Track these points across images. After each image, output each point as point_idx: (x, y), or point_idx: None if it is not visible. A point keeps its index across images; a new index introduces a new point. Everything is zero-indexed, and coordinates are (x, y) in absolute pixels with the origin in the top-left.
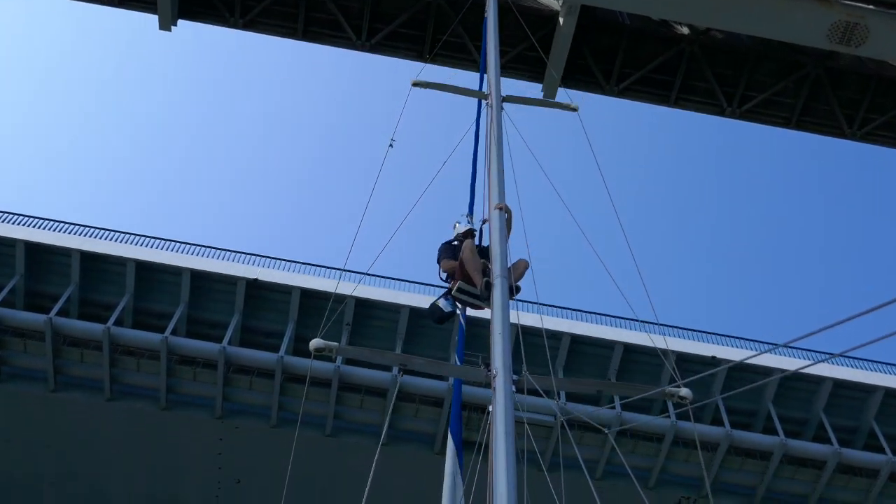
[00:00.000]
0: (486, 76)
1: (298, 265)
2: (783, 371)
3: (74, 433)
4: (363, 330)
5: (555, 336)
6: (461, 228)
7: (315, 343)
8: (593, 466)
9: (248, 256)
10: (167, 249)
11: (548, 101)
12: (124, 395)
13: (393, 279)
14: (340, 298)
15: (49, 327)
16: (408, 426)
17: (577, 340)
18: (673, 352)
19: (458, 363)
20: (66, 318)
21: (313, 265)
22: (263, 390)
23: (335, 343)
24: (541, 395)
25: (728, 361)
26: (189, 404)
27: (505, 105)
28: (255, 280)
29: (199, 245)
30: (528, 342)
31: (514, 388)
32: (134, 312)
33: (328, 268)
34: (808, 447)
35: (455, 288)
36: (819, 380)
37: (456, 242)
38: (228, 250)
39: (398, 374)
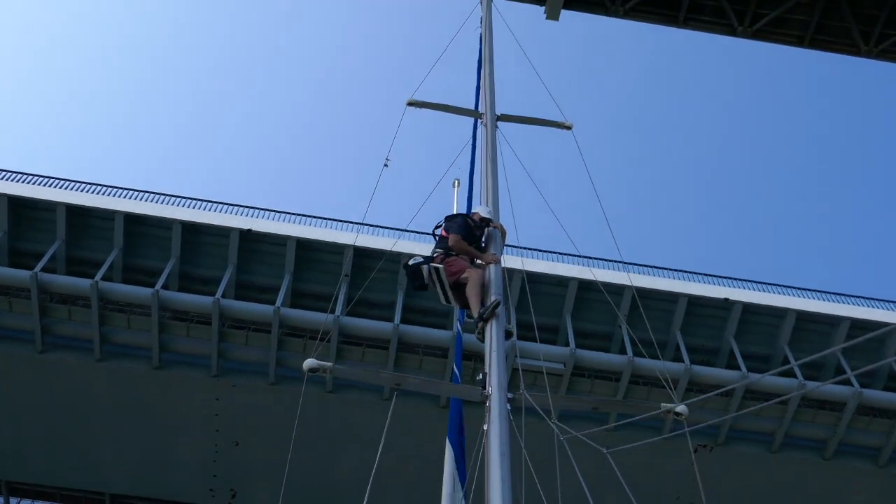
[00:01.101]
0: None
1: (294, 216)
2: (798, 311)
3: (63, 395)
4: (363, 283)
5: (563, 281)
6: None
7: (308, 363)
8: (604, 415)
9: (242, 208)
10: (156, 202)
11: (542, 120)
12: (115, 355)
13: (392, 229)
14: (339, 249)
15: (34, 283)
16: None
17: (584, 284)
18: (685, 295)
19: (457, 374)
20: (53, 275)
21: (309, 216)
22: (261, 345)
23: (328, 363)
24: (538, 414)
25: (740, 303)
26: (183, 363)
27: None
28: (249, 231)
29: (189, 198)
30: (535, 290)
31: (509, 407)
32: (123, 269)
33: (325, 218)
34: (828, 389)
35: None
36: (836, 320)
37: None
38: (221, 202)
39: (398, 324)
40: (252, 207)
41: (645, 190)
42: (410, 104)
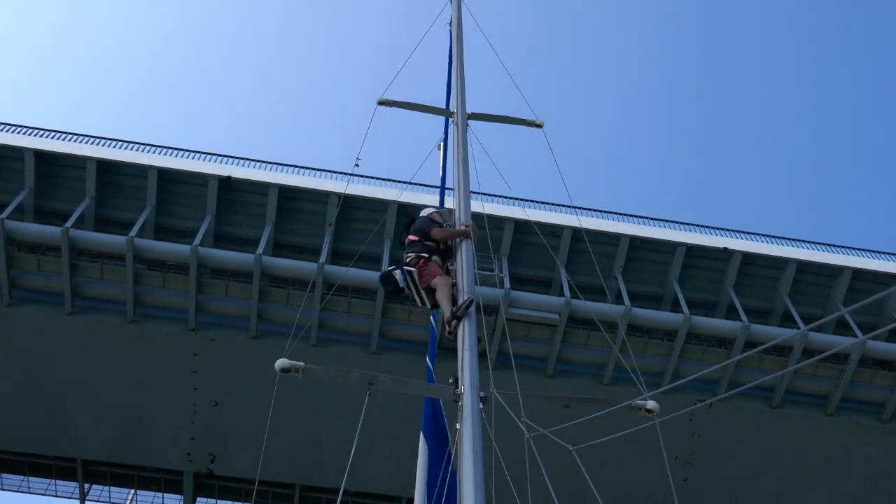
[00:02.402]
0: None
1: (275, 165)
2: (798, 261)
3: (32, 352)
4: (347, 234)
5: (556, 231)
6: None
7: (280, 363)
8: (601, 370)
9: (221, 158)
10: (131, 150)
11: (513, 119)
12: (87, 309)
13: (379, 178)
14: (323, 197)
15: (0, 231)
16: (399, 333)
17: (577, 236)
18: (683, 244)
19: (431, 371)
20: (20, 222)
21: (292, 165)
22: (241, 297)
23: (301, 363)
24: (511, 413)
25: (740, 252)
26: (159, 317)
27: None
28: (229, 178)
29: (165, 146)
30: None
31: (481, 406)
32: (95, 221)
33: (308, 168)
34: (830, 339)
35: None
36: (836, 270)
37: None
38: (199, 151)
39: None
40: (232, 157)
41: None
42: (381, 103)
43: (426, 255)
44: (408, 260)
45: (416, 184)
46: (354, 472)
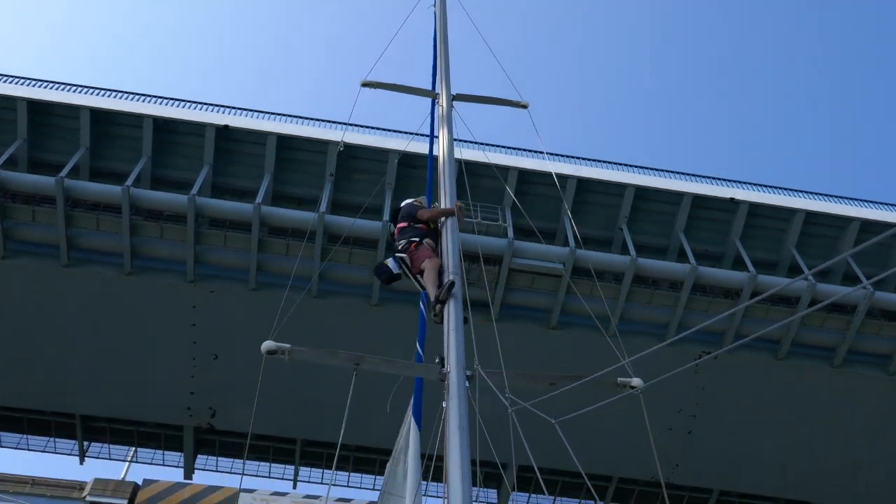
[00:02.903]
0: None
1: (274, 115)
2: (806, 212)
3: (27, 306)
4: (347, 185)
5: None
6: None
7: (266, 345)
8: (605, 322)
9: (219, 108)
10: (126, 100)
11: (498, 100)
12: (84, 261)
13: (379, 129)
14: (322, 147)
15: None
16: (400, 284)
17: (582, 187)
18: (689, 194)
19: (420, 353)
20: (14, 172)
21: (290, 115)
22: (240, 247)
23: (287, 345)
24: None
25: (747, 202)
26: (157, 269)
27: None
28: (226, 127)
29: (162, 97)
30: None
31: (467, 385)
32: (90, 172)
33: (306, 118)
34: (838, 289)
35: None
36: (844, 222)
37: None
38: (196, 101)
39: (388, 221)
40: (230, 107)
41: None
42: (365, 85)
43: (417, 239)
44: (399, 246)
45: (417, 134)
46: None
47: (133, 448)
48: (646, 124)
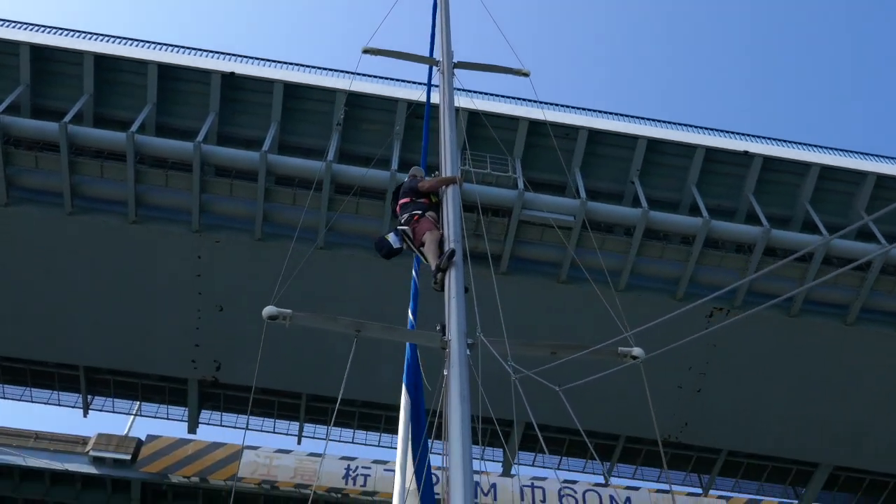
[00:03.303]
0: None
1: (280, 64)
2: (822, 165)
3: (31, 255)
4: (355, 135)
5: (571, 133)
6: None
7: (267, 311)
8: (616, 276)
9: (225, 55)
10: (131, 46)
11: (499, 67)
12: (88, 210)
13: (386, 78)
14: (330, 96)
15: None
16: None
17: (593, 139)
18: (702, 147)
19: (412, 321)
20: (16, 118)
21: (296, 64)
22: (246, 196)
23: (288, 311)
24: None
25: (761, 156)
26: (162, 218)
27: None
28: (232, 74)
29: (166, 44)
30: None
31: (468, 353)
32: (94, 120)
33: (313, 66)
34: (853, 246)
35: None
36: (860, 177)
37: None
38: (201, 49)
39: (395, 170)
40: (236, 55)
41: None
42: (366, 51)
43: (419, 212)
44: (402, 220)
45: (425, 83)
46: (362, 382)
47: (137, 403)
48: (656, 83)
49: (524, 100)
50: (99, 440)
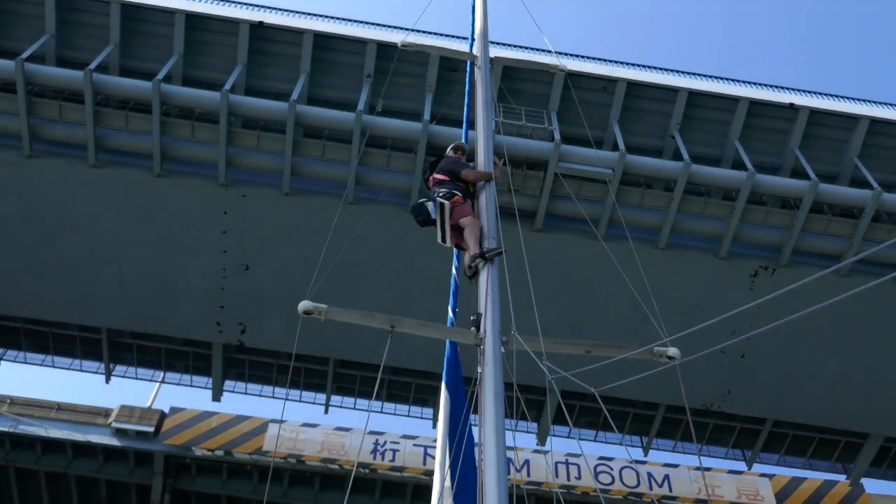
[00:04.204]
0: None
1: (309, 15)
2: (871, 118)
3: (55, 208)
4: (386, 89)
5: (608, 86)
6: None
7: (303, 305)
8: (655, 235)
9: (253, 6)
10: None
11: (537, 62)
12: (112, 163)
13: (418, 31)
14: (360, 48)
15: (20, 74)
16: None
17: (630, 92)
18: (745, 98)
19: (452, 318)
20: (41, 66)
21: (325, 16)
22: (274, 149)
23: (324, 305)
24: (531, 357)
25: (807, 108)
26: (188, 173)
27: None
28: (261, 23)
29: None
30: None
31: (503, 350)
32: (120, 71)
33: (343, 19)
34: None
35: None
36: None
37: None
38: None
39: (428, 120)
40: (264, 6)
41: None
42: (404, 46)
43: (460, 194)
44: (441, 193)
45: (460, 37)
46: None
47: (161, 374)
48: (694, 38)
49: (561, 53)
50: (122, 412)
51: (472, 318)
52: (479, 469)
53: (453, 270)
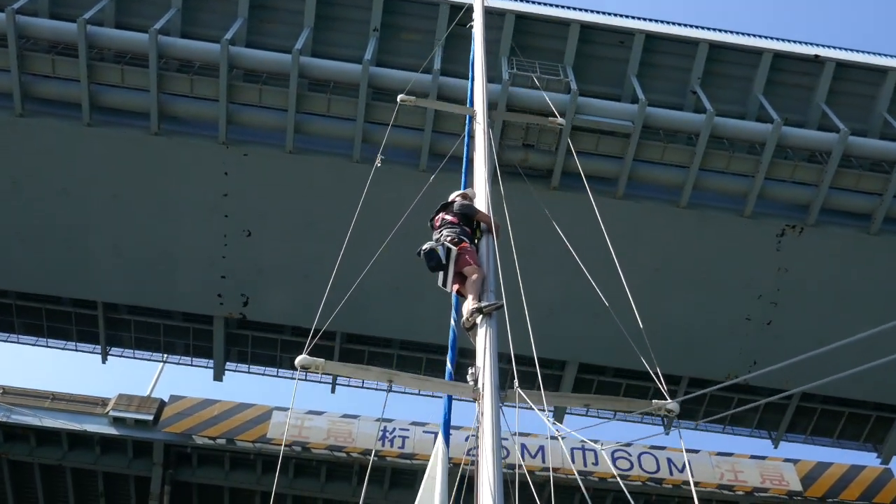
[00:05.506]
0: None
1: None
2: None
3: (47, 172)
4: (391, 46)
5: (626, 40)
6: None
7: (301, 360)
8: (676, 194)
9: None
10: None
11: (536, 116)
12: (108, 123)
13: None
14: (366, 2)
15: (12, 26)
16: (449, 147)
17: (649, 46)
18: (769, 50)
19: (450, 373)
20: (33, 17)
21: None
22: (277, 104)
23: (321, 360)
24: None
25: (833, 61)
26: (187, 133)
27: None
28: None
29: None
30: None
31: (501, 405)
32: (116, 25)
33: None
34: None
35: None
36: None
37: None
38: None
39: (438, 69)
40: None
41: None
42: (403, 101)
43: (467, 241)
44: (449, 238)
45: None
46: (403, 319)
47: (160, 354)
48: None
49: (574, 8)
50: (119, 401)
51: (470, 370)
52: None
53: (451, 322)
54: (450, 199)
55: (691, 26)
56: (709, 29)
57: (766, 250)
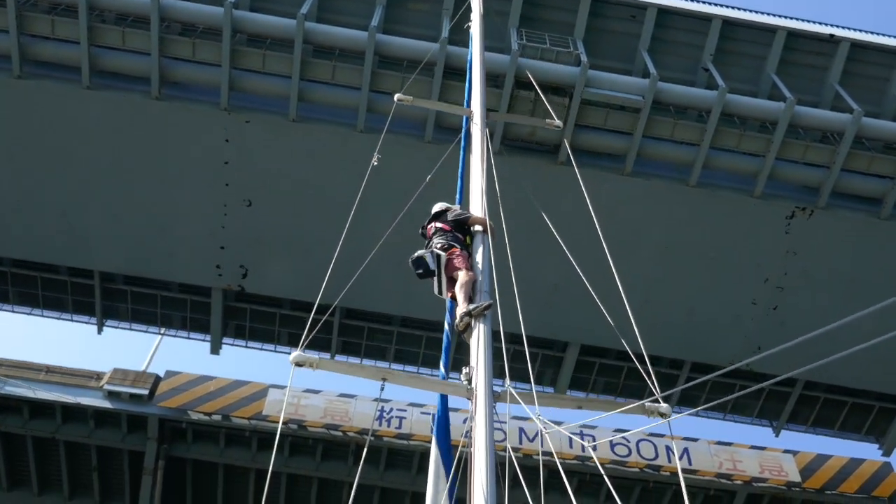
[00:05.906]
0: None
1: None
2: None
3: (44, 137)
4: (397, 15)
5: (637, 14)
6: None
7: (295, 357)
8: (685, 173)
9: None
10: None
11: (532, 119)
12: (107, 87)
13: None
14: None
15: None
16: (455, 122)
17: (660, 22)
18: (783, 28)
19: (444, 369)
20: None
21: None
22: (281, 71)
23: (315, 356)
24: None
25: (848, 40)
26: (188, 99)
27: None
28: None
29: None
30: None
31: (495, 403)
32: None
33: None
34: None
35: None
36: None
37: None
38: None
39: (446, 38)
40: None
41: None
42: (399, 101)
43: (458, 246)
44: (439, 245)
45: None
46: (403, 295)
47: (160, 332)
48: None
49: None
50: (114, 375)
51: (464, 370)
52: None
53: (445, 326)
54: (433, 211)
55: (704, 2)
56: (722, 6)
57: (775, 233)
